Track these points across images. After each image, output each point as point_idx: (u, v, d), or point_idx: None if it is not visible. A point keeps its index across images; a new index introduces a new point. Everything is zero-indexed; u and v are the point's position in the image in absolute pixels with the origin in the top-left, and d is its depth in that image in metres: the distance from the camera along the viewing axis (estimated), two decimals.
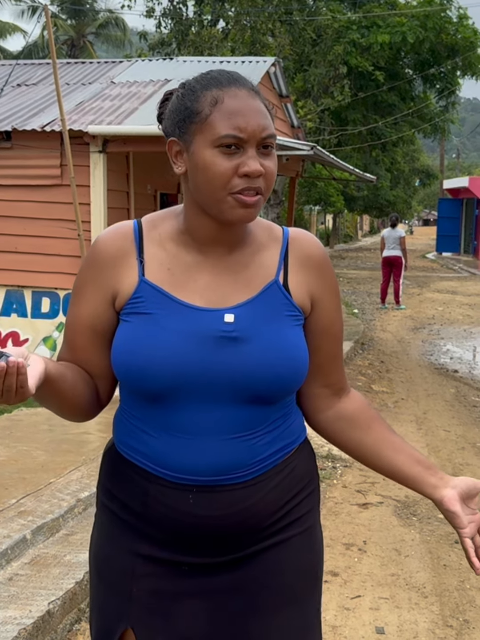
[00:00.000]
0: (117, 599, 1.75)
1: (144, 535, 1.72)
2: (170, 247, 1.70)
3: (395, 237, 16.10)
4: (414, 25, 21.54)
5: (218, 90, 1.60)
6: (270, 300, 1.69)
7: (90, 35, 37.62)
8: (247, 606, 1.73)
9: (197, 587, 1.72)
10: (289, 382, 1.69)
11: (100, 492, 1.83)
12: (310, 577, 1.82)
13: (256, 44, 18.15)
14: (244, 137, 1.57)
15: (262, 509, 1.71)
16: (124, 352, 1.65)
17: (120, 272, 1.69)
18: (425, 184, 47.81)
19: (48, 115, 8.37)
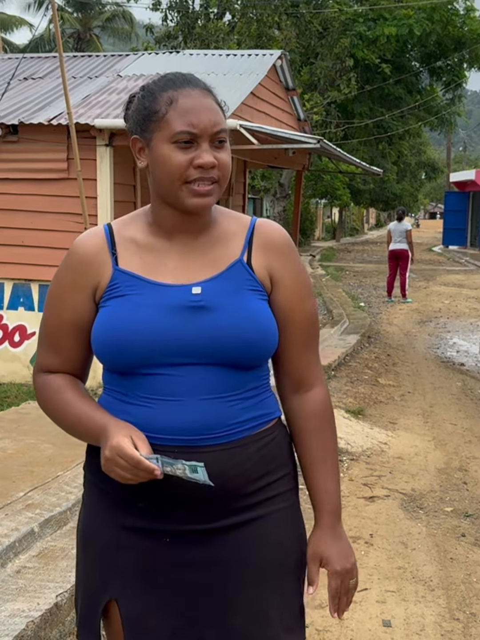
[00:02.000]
0: (102, 570, 1.86)
1: (127, 504, 1.82)
2: (140, 238, 1.86)
3: (402, 231, 16.09)
4: (421, 18, 21.44)
5: (173, 91, 1.77)
6: (235, 276, 1.84)
7: (96, 29, 37.60)
8: (227, 578, 1.81)
9: (179, 559, 1.80)
10: (258, 347, 1.81)
11: (88, 473, 1.94)
12: (292, 555, 1.89)
13: (262, 37, 18.13)
14: (197, 133, 1.73)
15: (239, 475, 1.80)
16: (103, 330, 1.79)
17: (97, 269, 1.84)
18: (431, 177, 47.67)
19: (54, 108, 8.37)
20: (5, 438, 5.60)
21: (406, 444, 6.63)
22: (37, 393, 1.94)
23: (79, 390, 1.88)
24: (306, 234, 34.46)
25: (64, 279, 1.88)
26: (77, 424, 1.82)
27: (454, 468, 6.07)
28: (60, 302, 1.87)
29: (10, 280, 8.35)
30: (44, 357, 1.92)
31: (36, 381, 1.94)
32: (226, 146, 1.80)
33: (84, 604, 1.91)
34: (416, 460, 6.23)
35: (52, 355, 1.90)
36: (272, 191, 21.99)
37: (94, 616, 1.89)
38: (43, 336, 1.93)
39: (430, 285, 20.08)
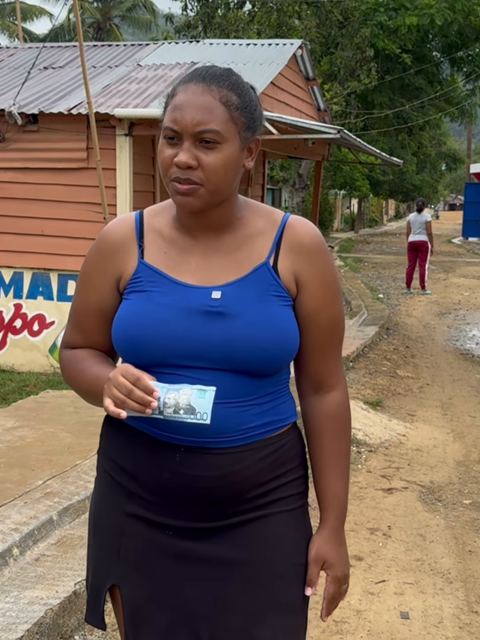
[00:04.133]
0: (107, 556, 1.88)
1: (134, 495, 1.83)
2: (167, 232, 1.84)
3: (422, 222, 16.01)
4: (442, 7, 21.25)
5: (180, 85, 1.76)
6: (258, 280, 1.79)
7: (116, 18, 37.58)
8: (226, 575, 1.80)
9: (180, 552, 1.80)
10: (274, 356, 1.77)
11: (100, 457, 1.96)
12: (294, 558, 1.85)
13: (282, 26, 18.04)
14: (178, 130, 1.71)
15: (246, 478, 1.78)
16: (121, 325, 1.79)
17: (123, 257, 1.84)
18: (451, 168, 47.38)
19: (74, 98, 8.37)
20: (25, 427, 5.62)
21: (425, 436, 6.61)
22: (62, 366, 1.94)
23: (101, 357, 1.88)
24: (325, 225, 34.34)
25: (92, 262, 1.89)
26: (94, 382, 1.78)
27: (473, 461, 6.04)
28: (87, 284, 1.89)
29: (29, 269, 8.38)
30: (71, 334, 1.94)
31: (61, 355, 1.96)
32: (219, 148, 1.71)
33: (92, 587, 1.93)
34: (435, 452, 6.21)
35: (77, 335, 1.92)
36: (290, 182, 21.92)
37: (99, 599, 1.90)
38: (71, 316, 1.94)
39: (450, 277, 19.98)
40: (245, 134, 1.75)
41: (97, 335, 1.89)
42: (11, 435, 5.40)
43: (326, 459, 1.89)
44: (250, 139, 1.78)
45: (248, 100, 1.76)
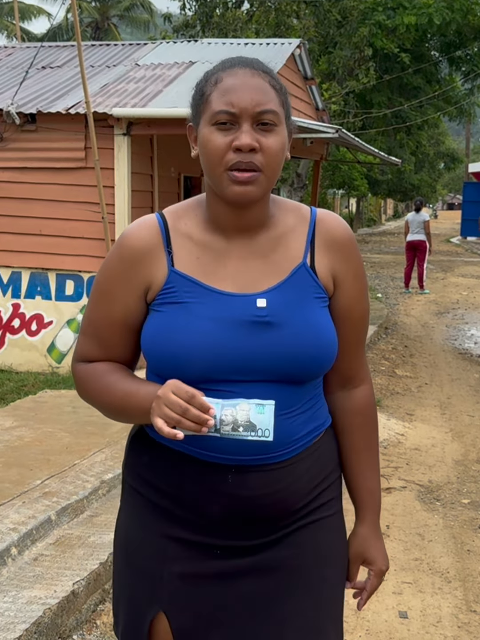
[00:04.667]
0: (147, 583, 1.75)
1: (178, 519, 1.72)
2: (197, 236, 1.71)
3: (420, 221, 16.01)
4: (441, 7, 21.24)
5: (222, 72, 1.65)
6: (299, 283, 1.71)
7: (114, 18, 37.56)
8: (278, 588, 1.72)
9: (229, 569, 1.72)
10: (321, 363, 1.71)
11: (129, 477, 1.83)
12: (339, 562, 1.83)
13: (281, 25, 18.02)
14: (236, 112, 1.60)
15: (296, 491, 1.72)
16: (158, 341, 1.66)
17: (150, 265, 1.69)
18: (450, 168, 47.41)
19: (72, 97, 8.37)
20: (23, 426, 5.62)
21: (423, 436, 6.61)
22: (78, 381, 1.80)
23: (125, 371, 1.76)
24: None
25: (114, 272, 1.73)
26: (126, 399, 1.67)
27: (472, 460, 6.04)
28: (110, 296, 1.73)
29: (27, 269, 8.37)
30: (88, 348, 1.79)
31: (76, 369, 1.80)
32: (277, 131, 1.63)
33: (129, 619, 1.79)
34: (433, 451, 6.21)
35: (96, 348, 1.78)
36: (289, 181, 21.90)
37: (140, 631, 1.77)
38: (88, 328, 1.79)
39: (448, 277, 19.98)
40: (288, 121, 1.70)
41: (119, 348, 1.76)
42: (9, 435, 5.40)
43: (359, 456, 1.87)
44: (290, 128, 1.72)
45: (285, 88, 1.72)
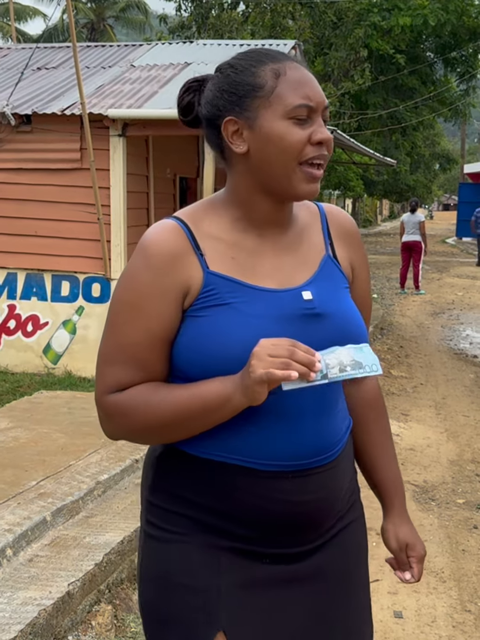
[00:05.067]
0: (204, 602, 1.63)
1: (226, 533, 1.65)
2: (227, 236, 1.65)
3: (415, 222, 16.04)
4: (436, 8, 21.30)
5: (274, 63, 1.59)
6: (329, 274, 1.71)
7: (110, 19, 37.58)
8: (327, 592, 1.72)
9: (281, 576, 1.67)
10: None
11: (161, 502, 1.71)
12: (366, 560, 1.86)
13: (276, 27, 18.06)
14: (314, 106, 1.57)
15: (339, 492, 1.72)
16: (207, 345, 1.56)
17: (183, 269, 1.59)
18: (445, 169, 47.48)
19: (68, 98, 8.36)
20: (18, 427, 5.61)
21: (418, 436, 6.62)
22: (117, 411, 1.61)
23: (169, 384, 1.63)
24: None
25: (145, 285, 1.59)
26: (194, 400, 1.54)
27: (467, 460, 6.06)
28: (146, 312, 1.58)
29: (23, 270, 8.36)
30: (121, 376, 1.60)
31: (109, 401, 1.61)
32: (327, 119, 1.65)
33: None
34: (428, 452, 6.22)
35: (134, 373, 1.60)
36: None
37: None
38: (119, 355, 1.60)
39: (444, 277, 20.01)
40: None
41: (159, 365, 1.62)
42: (4, 435, 5.40)
43: (378, 447, 1.86)
44: None
45: None
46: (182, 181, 10.02)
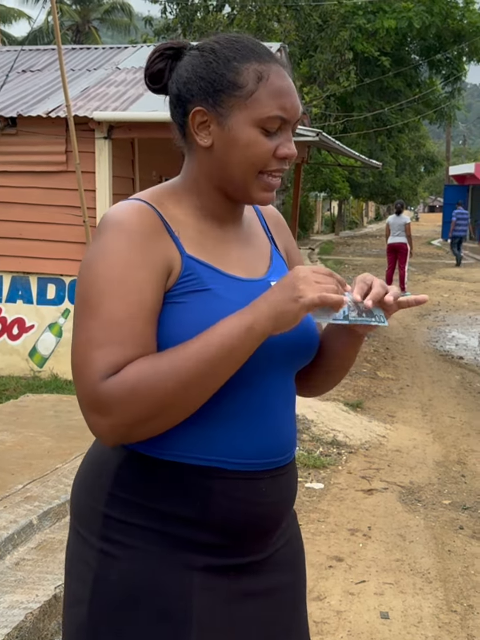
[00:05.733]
0: (172, 624, 1.51)
1: (198, 544, 1.54)
2: (193, 223, 1.58)
3: (401, 224, 16.08)
4: (420, 11, 21.41)
5: (260, 64, 1.51)
6: (280, 264, 1.71)
7: (95, 21, 37.54)
8: (286, 602, 1.68)
9: (240, 592, 1.58)
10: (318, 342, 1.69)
11: (123, 515, 1.55)
12: (304, 573, 1.81)
13: (262, 29, 18.07)
14: (288, 119, 1.52)
15: (295, 492, 1.68)
16: (194, 334, 1.43)
17: (164, 248, 1.50)
18: (431, 171, 47.63)
19: (53, 101, 8.36)
20: (4, 430, 5.60)
21: (405, 437, 6.64)
22: (120, 396, 1.39)
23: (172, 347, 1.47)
24: (305, 227, 34.42)
25: (131, 257, 1.46)
26: (214, 347, 1.40)
27: (452, 461, 6.08)
28: (136, 284, 1.45)
29: (8, 273, 8.34)
30: (116, 356, 1.42)
31: (105, 388, 1.40)
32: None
33: None
34: (414, 453, 6.24)
35: (130, 352, 1.43)
36: None
37: None
38: (112, 335, 1.43)
39: (429, 279, 20.08)
40: None
41: (155, 343, 1.47)
42: None
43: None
44: None
45: None
46: None
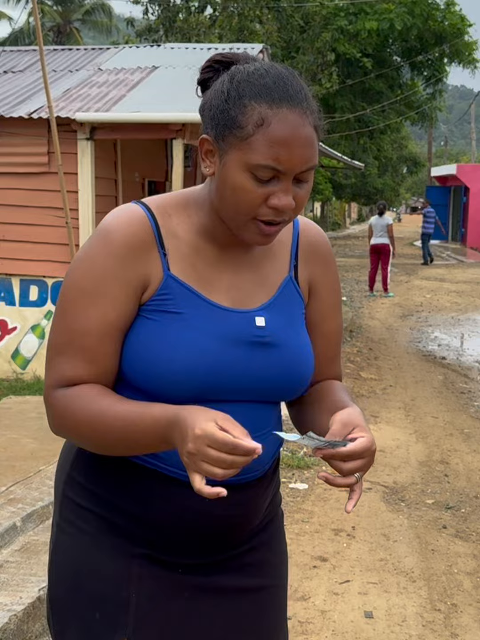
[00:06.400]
0: (109, 608, 1.59)
1: (140, 538, 1.61)
2: (192, 240, 1.58)
3: (383, 225, 16.14)
4: (402, 12, 21.44)
5: (267, 107, 1.43)
6: (288, 298, 1.65)
7: (76, 22, 37.41)
8: (240, 606, 1.69)
9: (194, 588, 1.64)
10: (306, 383, 1.67)
11: (77, 497, 1.65)
12: (285, 576, 1.83)
13: (244, 30, 18.09)
14: (282, 170, 1.43)
15: (260, 507, 1.69)
16: (150, 354, 1.50)
17: (145, 265, 1.52)
18: (413, 172, 47.82)
19: (35, 102, 8.33)
20: None
21: (388, 437, 6.66)
22: (58, 410, 1.53)
23: (117, 395, 1.53)
24: None
25: (105, 270, 1.50)
26: (128, 427, 1.45)
27: (436, 461, 6.11)
28: (102, 297, 1.50)
29: None
30: (70, 367, 1.52)
31: (53, 396, 1.54)
32: (310, 178, 1.50)
33: None
34: (398, 453, 6.26)
35: (84, 366, 1.51)
36: None
37: None
38: (69, 344, 1.52)
39: (412, 280, 20.15)
40: None
41: (110, 359, 1.53)
42: None
43: (335, 393, 1.69)
44: None
45: (320, 118, 1.52)
46: (151, 185, 10.01)
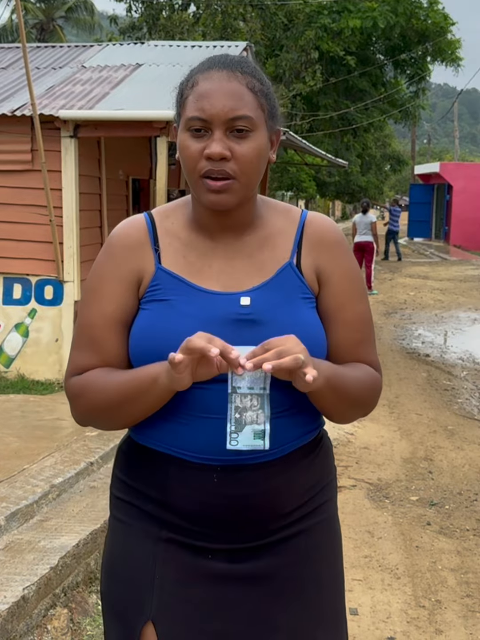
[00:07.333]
0: (137, 591, 1.70)
1: (165, 522, 1.70)
2: (184, 235, 1.73)
3: (367, 223, 16.18)
4: (385, 10, 21.49)
5: (199, 73, 1.64)
6: (285, 282, 1.70)
7: (59, 19, 37.26)
8: (272, 594, 1.70)
9: (222, 574, 1.68)
10: None
11: (114, 489, 1.81)
12: (333, 565, 1.82)
13: (227, 28, 18.11)
14: (207, 119, 1.58)
15: (285, 492, 1.70)
16: (143, 339, 1.66)
17: (139, 263, 1.71)
18: (396, 170, 47.89)
19: (18, 99, 8.28)
20: None
21: (372, 434, 6.68)
22: (75, 392, 1.72)
23: (123, 370, 1.70)
24: None
25: (104, 270, 1.73)
26: (131, 381, 1.63)
27: (420, 458, 6.13)
28: (102, 295, 1.71)
29: None
30: (82, 358, 1.72)
31: (70, 383, 1.74)
32: (252, 136, 1.61)
33: (119, 634, 1.73)
34: (382, 450, 6.28)
35: (91, 355, 1.71)
36: None
37: None
38: (81, 338, 1.74)
39: (396, 277, 20.21)
40: (270, 123, 1.67)
41: (115, 349, 1.71)
42: None
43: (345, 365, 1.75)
44: (273, 129, 1.70)
45: (269, 87, 1.67)
46: (135, 182, 9.99)
